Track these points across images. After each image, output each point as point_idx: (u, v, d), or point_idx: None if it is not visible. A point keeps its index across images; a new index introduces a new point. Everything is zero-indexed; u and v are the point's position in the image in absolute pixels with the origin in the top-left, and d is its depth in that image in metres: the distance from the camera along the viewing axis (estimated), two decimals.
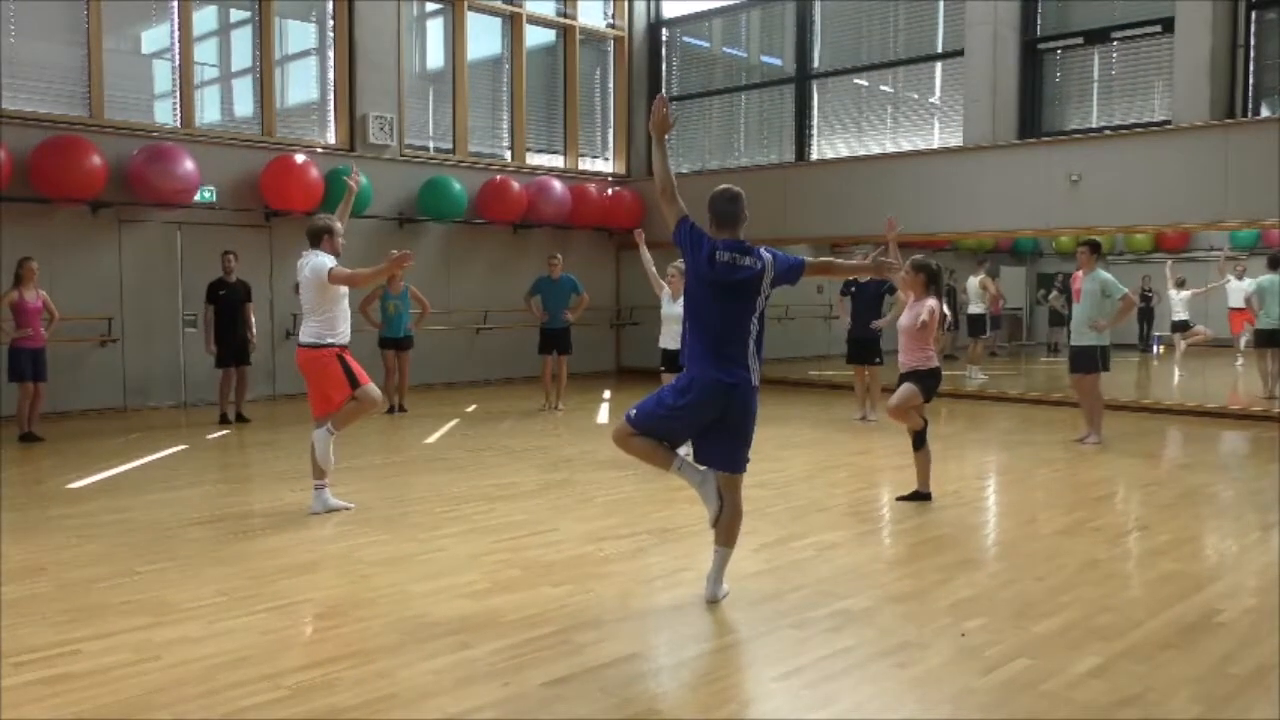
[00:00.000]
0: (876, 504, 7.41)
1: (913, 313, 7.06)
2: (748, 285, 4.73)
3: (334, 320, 6.76)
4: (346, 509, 6.85)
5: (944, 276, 7.33)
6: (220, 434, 10.72)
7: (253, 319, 11.65)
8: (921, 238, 14.66)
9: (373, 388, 6.86)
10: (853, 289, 11.31)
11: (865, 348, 11.28)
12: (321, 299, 6.72)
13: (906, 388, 7.06)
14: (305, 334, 6.82)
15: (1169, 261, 18.00)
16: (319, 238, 6.82)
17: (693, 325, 4.84)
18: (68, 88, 12.12)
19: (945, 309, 15.03)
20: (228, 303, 11.38)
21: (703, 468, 4.91)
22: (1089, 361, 9.70)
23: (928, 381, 7.09)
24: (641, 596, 5.01)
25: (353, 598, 5.05)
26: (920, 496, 7.15)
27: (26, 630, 4.47)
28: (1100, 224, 12.71)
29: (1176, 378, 15.91)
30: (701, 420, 4.79)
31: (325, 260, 6.70)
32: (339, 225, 6.95)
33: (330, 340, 6.74)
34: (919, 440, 7.14)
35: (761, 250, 4.80)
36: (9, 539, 6.09)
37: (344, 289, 6.84)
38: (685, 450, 5.02)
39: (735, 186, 4.92)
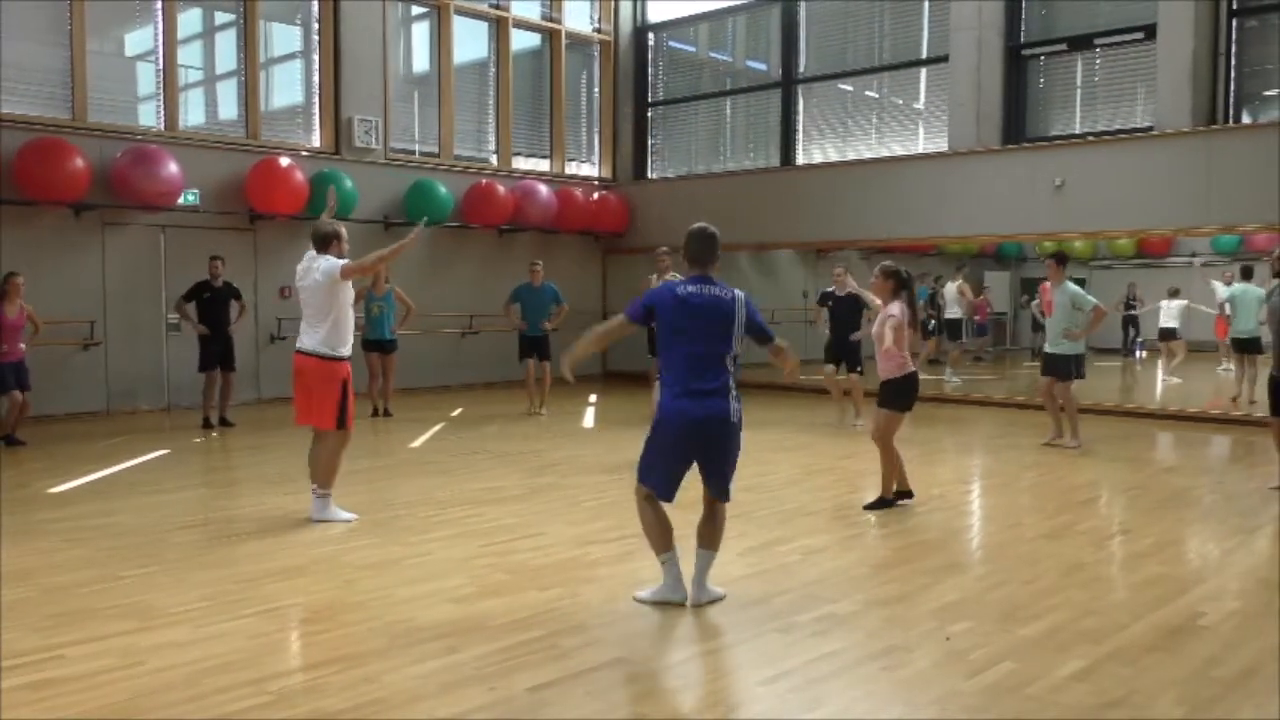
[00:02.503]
0: (863, 508, 7.42)
1: (879, 320, 7.13)
2: (719, 312, 4.77)
3: (342, 327, 6.69)
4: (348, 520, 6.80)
5: (913, 282, 7.37)
6: (206, 438, 10.66)
7: (239, 313, 11.53)
8: (906, 242, 14.75)
9: (351, 431, 6.83)
10: (830, 301, 11.35)
11: (845, 356, 11.33)
12: (331, 303, 6.62)
13: (881, 415, 7.11)
14: (311, 341, 6.68)
15: (1176, 300, 17.39)
16: (327, 242, 6.75)
17: (665, 363, 4.87)
18: (50, 90, 12.05)
19: (927, 311, 15.12)
20: (213, 306, 11.29)
21: (682, 578, 4.91)
22: (1064, 368, 9.84)
23: (905, 388, 7.10)
24: (628, 600, 5.01)
25: (339, 602, 5.04)
26: (903, 495, 7.18)
27: (11, 635, 4.44)
28: (1084, 229, 12.82)
29: (1160, 384, 15.97)
30: (686, 455, 4.84)
31: (336, 261, 6.64)
32: (344, 230, 6.90)
33: (341, 353, 6.66)
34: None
35: (733, 289, 4.87)
36: None
37: (352, 294, 6.80)
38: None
39: (711, 226, 4.98)
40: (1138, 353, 20.54)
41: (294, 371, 6.80)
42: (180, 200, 12.45)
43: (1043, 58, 13.63)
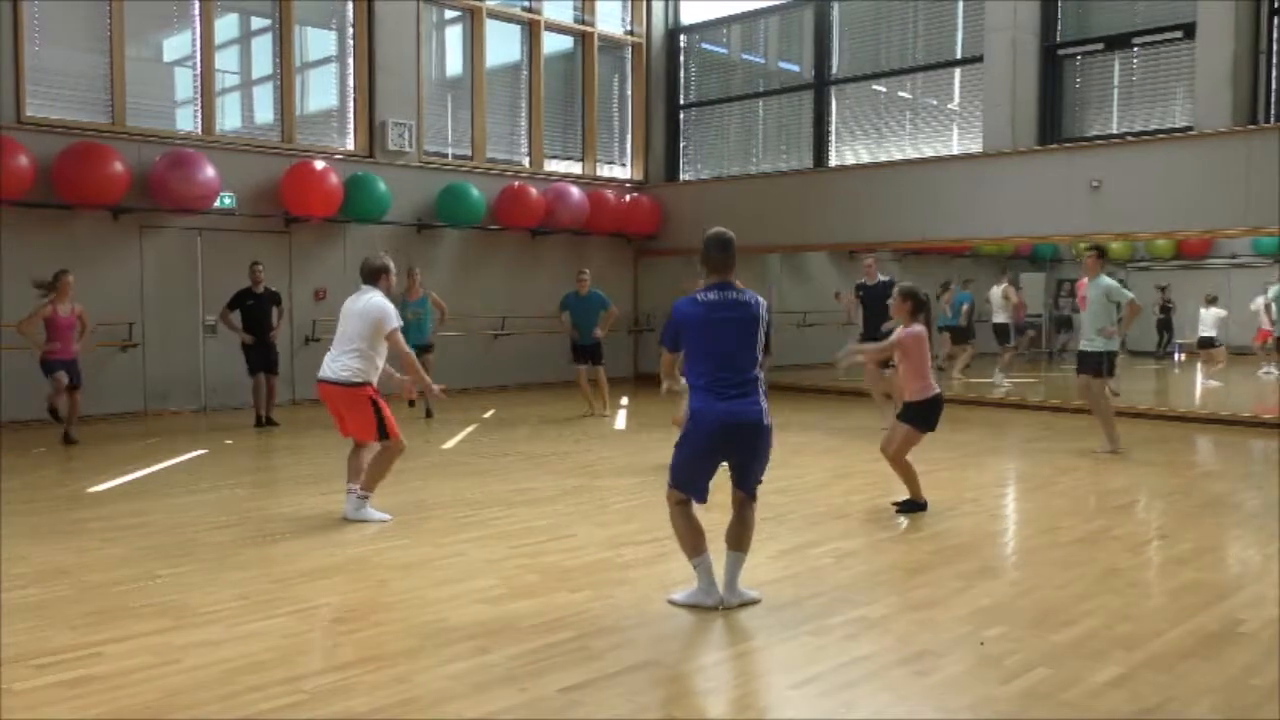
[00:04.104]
0: (894, 511, 7.36)
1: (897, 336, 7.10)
2: (743, 316, 4.79)
3: (368, 361, 6.68)
4: (384, 520, 6.82)
5: (931, 304, 7.34)
6: (241, 438, 10.76)
7: (278, 322, 11.71)
8: (940, 244, 14.65)
9: (401, 440, 6.81)
10: (861, 292, 11.32)
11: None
12: (374, 337, 6.65)
13: (900, 430, 7.07)
14: (332, 369, 6.69)
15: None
16: (376, 275, 6.79)
17: (695, 369, 4.84)
18: (90, 95, 12.21)
19: (972, 319, 14.95)
20: (256, 312, 11.47)
21: (715, 582, 4.91)
22: (1095, 365, 9.67)
23: (929, 410, 7.03)
24: (660, 602, 5.01)
25: (371, 602, 5.08)
26: (916, 506, 7.14)
27: (48, 632, 4.51)
28: (1121, 230, 12.67)
29: (1199, 386, 15.77)
30: (718, 457, 4.87)
31: (389, 310, 6.66)
32: (393, 265, 6.93)
33: (361, 380, 6.65)
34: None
35: (754, 294, 4.89)
36: (31, 541, 6.14)
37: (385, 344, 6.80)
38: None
39: (728, 232, 4.96)
40: (1176, 355, 20.28)
41: (325, 399, 6.85)
42: (217, 204, 12.59)
43: (1079, 57, 13.49)
